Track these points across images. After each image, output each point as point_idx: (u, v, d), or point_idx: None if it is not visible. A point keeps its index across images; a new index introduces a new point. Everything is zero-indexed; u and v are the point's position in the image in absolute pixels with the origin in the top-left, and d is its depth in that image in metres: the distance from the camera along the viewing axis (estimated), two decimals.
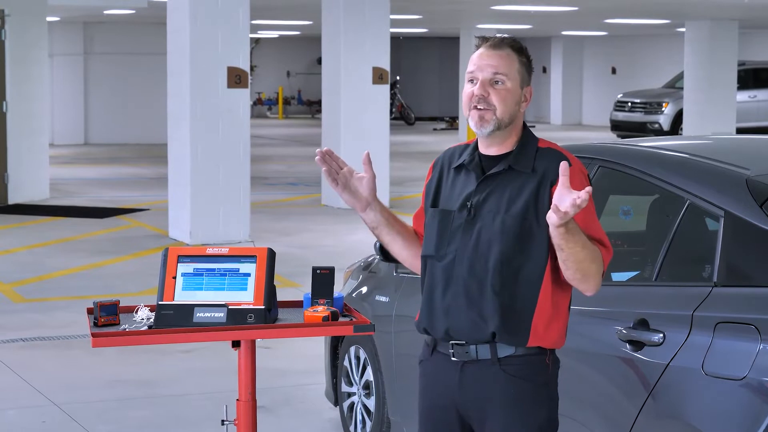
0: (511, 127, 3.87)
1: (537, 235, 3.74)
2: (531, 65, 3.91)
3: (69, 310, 9.78)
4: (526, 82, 3.89)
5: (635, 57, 37.66)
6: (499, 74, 3.82)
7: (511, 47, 3.87)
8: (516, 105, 3.85)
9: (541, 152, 3.83)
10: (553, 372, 3.86)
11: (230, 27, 13.31)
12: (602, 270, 3.72)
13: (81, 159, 24.01)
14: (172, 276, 4.26)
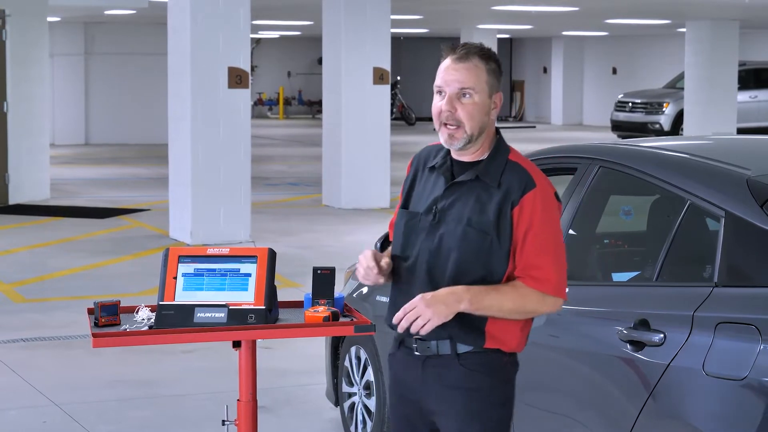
0: (484, 136, 3.88)
1: (496, 251, 3.79)
2: (500, 69, 3.90)
3: (69, 310, 9.78)
4: (495, 89, 3.87)
5: (636, 57, 37.65)
6: (466, 89, 3.82)
7: (479, 56, 3.85)
8: (485, 116, 3.85)
9: (510, 166, 3.83)
10: (510, 373, 3.90)
11: (231, 27, 13.31)
12: (542, 305, 3.80)
13: (82, 159, 24.01)
14: (173, 276, 4.26)
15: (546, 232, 3.77)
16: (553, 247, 3.79)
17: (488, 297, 3.73)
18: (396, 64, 27.28)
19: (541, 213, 3.77)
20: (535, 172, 3.82)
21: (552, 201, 3.82)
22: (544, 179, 3.82)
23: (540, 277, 3.78)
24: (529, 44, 41.55)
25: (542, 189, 3.79)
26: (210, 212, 13.24)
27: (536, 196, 3.77)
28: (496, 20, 27.86)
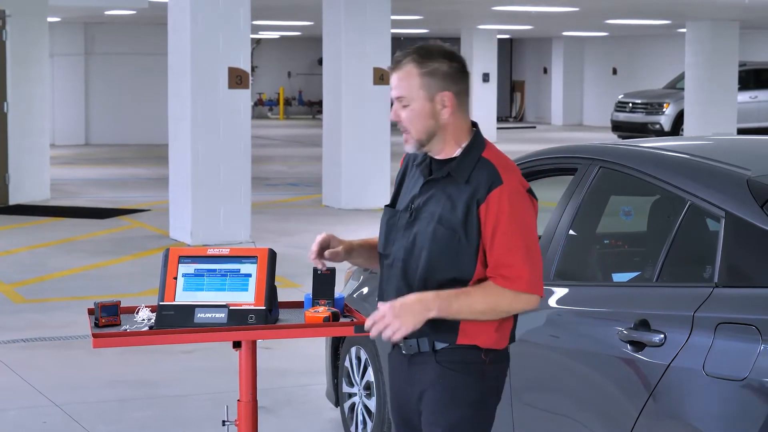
0: (443, 135, 3.83)
1: (465, 250, 3.77)
2: (450, 65, 3.80)
3: (70, 310, 9.78)
4: (439, 88, 3.80)
5: (636, 57, 37.66)
6: (401, 97, 3.83)
7: (414, 61, 3.81)
8: (430, 119, 3.81)
9: (481, 163, 3.80)
10: (491, 370, 3.84)
11: (231, 27, 13.31)
12: (516, 303, 3.75)
13: (82, 159, 24.01)
14: (173, 276, 4.26)
15: (514, 230, 3.73)
16: (522, 244, 3.74)
17: (457, 302, 3.71)
18: None
19: (508, 210, 3.73)
20: (505, 169, 3.78)
21: (521, 198, 3.77)
22: (513, 176, 3.78)
23: (511, 275, 3.73)
24: (530, 44, 41.55)
25: (509, 186, 3.75)
26: (210, 212, 13.24)
27: (502, 193, 3.73)
28: (497, 20, 27.86)
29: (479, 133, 3.88)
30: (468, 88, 3.88)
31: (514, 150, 25.36)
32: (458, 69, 3.83)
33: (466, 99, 3.87)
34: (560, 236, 4.97)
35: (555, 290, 4.86)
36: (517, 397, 4.93)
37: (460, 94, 3.83)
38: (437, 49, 3.83)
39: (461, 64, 3.85)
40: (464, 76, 3.85)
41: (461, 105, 3.84)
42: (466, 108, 3.87)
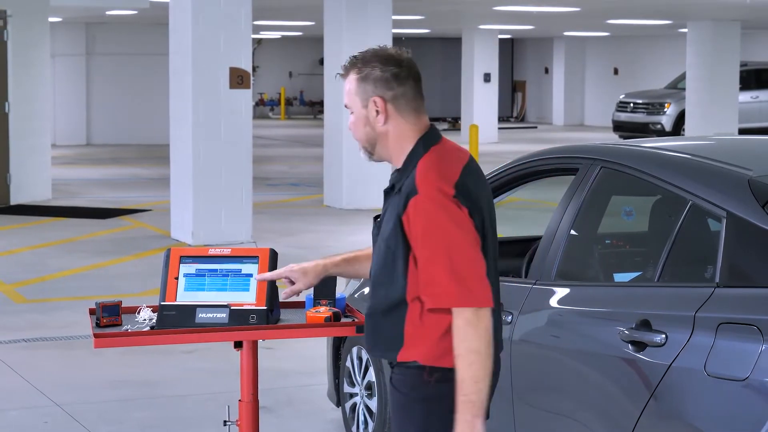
0: (384, 143, 3.74)
1: (397, 260, 3.63)
2: (375, 71, 3.69)
3: (71, 310, 9.78)
4: (371, 94, 3.69)
5: (637, 57, 37.66)
6: (347, 106, 3.77)
7: (354, 68, 3.75)
8: (366, 126, 3.73)
9: (413, 171, 3.64)
10: (436, 391, 3.63)
11: (232, 27, 13.31)
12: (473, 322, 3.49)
13: (83, 159, 24.02)
14: (175, 277, 4.26)
15: (432, 243, 3.53)
16: (444, 255, 3.52)
17: (470, 394, 3.51)
18: None
19: (423, 223, 3.54)
20: (424, 176, 3.58)
21: (436, 206, 3.54)
22: (431, 184, 3.57)
23: (437, 292, 3.53)
24: (531, 44, 41.55)
25: (425, 195, 3.55)
26: (211, 213, 13.24)
27: (417, 204, 3.56)
28: (498, 20, 27.86)
29: (425, 137, 3.70)
30: (412, 91, 3.69)
31: (516, 150, 25.36)
32: (394, 73, 3.67)
33: (409, 103, 3.69)
34: (561, 236, 4.97)
35: (556, 290, 4.86)
36: (519, 397, 4.93)
37: (396, 99, 3.68)
38: (375, 53, 3.73)
39: (399, 68, 3.68)
40: (402, 81, 3.68)
41: (400, 110, 3.69)
42: (410, 113, 3.70)
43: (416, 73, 3.73)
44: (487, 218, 3.70)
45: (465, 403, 3.51)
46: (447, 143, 3.75)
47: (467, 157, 3.75)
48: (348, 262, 4.14)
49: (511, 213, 14.52)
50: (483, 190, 3.72)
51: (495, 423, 4.96)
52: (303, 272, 4.11)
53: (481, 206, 3.66)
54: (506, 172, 5.56)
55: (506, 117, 40.42)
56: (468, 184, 3.63)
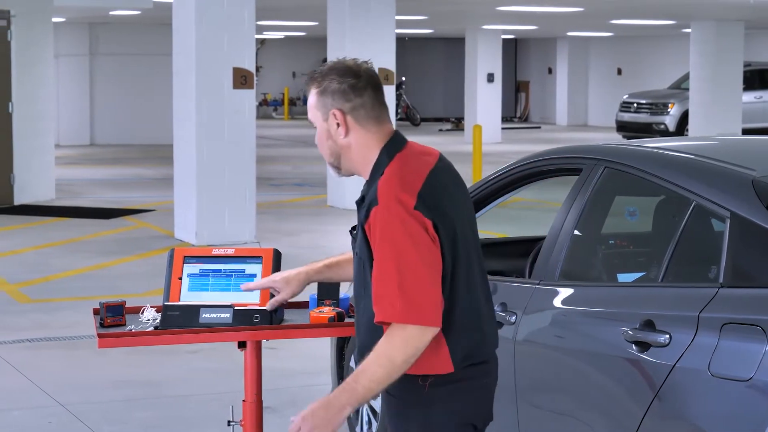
0: (348, 155, 3.69)
1: (367, 271, 3.61)
2: (332, 84, 3.65)
3: (75, 310, 9.79)
4: (328, 107, 3.66)
5: (641, 58, 37.65)
6: (311, 122, 3.76)
7: (314, 83, 3.71)
8: (328, 140, 3.70)
9: (378, 181, 3.59)
10: (431, 395, 3.60)
11: (236, 28, 13.32)
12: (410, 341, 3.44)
13: (86, 160, 24.03)
14: (178, 277, 4.26)
15: (385, 254, 3.48)
16: (394, 269, 3.46)
17: (359, 382, 3.47)
18: (401, 65, 27.27)
19: (379, 234, 3.49)
20: (385, 186, 3.53)
21: (392, 217, 3.48)
22: (391, 193, 3.51)
23: (383, 305, 3.48)
24: (534, 45, 41.55)
25: (383, 205, 3.50)
26: (215, 213, 13.25)
27: (376, 214, 3.50)
28: (501, 21, 27.86)
29: (387, 145, 3.65)
30: (371, 101, 3.65)
31: (519, 150, 25.36)
32: (351, 84, 3.63)
33: (369, 113, 3.65)
34: (565, 236, 4.96)
35: (560, 291, 4.86)
36: (522, 398, 4.93)
37: (355, 110, 3.64)
38: (332, 66, 3.71)
39: (356, 79, 3.65)
40: (360, 91, 3.64)
41: (359, 121, 3.64)
42: (371, 122, 3.66)
43: (376, 83, 3.70)
44: (461, 224, 3.63)
45: (349, 388, 3.49)
46: (413, 147, 3.70)
47: (435, 159, 3.69)
48: (330, 267, 4.15)
49: (514, 213, 14.52)
50: (452, 192, 3.66)
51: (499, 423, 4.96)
52: (285, 282, 4.12)
53: (449, 213, 3.59)
54: (510, 172, 5.56)
55: (510, 117, 40.42)
56: (433, 191, 3.57)
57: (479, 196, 5.65)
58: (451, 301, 3.59)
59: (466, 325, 3.63)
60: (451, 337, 3.59)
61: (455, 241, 3.60)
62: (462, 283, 3.61)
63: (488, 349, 3.72)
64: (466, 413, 3.66)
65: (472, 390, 3.66)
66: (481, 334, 3.68)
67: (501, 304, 5.01)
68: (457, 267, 3.60)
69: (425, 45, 40.31)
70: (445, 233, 3.55)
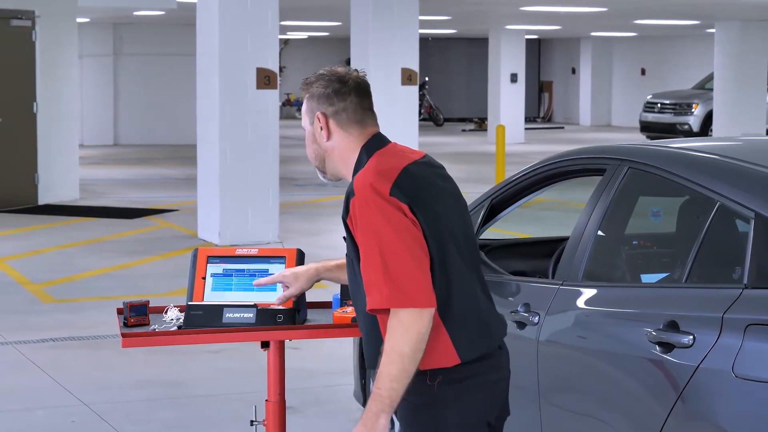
0: (332, 158, 3.78)
1: (356, 269, 3.64)
2: (318, 88, 3.76)
3: (98, 310, 9.82)
4: (313, 111, 3.79)
5: (665, 58, 37.53)
6: (303, 128, 3.85)
7: (304, 87, 3.82)
8: (313, 143, 3.81)
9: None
10: (441, 394, 3.60)
11: (259, 28, 13.33)
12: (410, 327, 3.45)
13: (110, 160, 24.11)
14: (202, 276, 4.27)
15: (367, 242, 3.52)
16: (377, 255, 3.50)
17: (380, 384, 3.49)
18: (424, 65, 27.27)
19: (359, 222, 3.55)
20: (360, 178, 3.59)
21: (372, 205, 3.53)
22: (366, 182, 3.57)
23: (373, 293, 3.51)
24: (558, 45, 41.47)
25: (359, 195, 3.56)
26: (238, 213, 13.27)
27: (354, 204, 3.57)
28: (525, 21, 27.82)
29: (367, 144, 3.73)
30: (354, 105, 3.75)
31: (542, 150, 25.31)
32: (335, 89, 3.73)
33: (351, 117, 3.74)
34: (589, 237, 4.95)
35: (583, 291, 4.84)
36: (545, 398, 4.92)
37: (337, 114, 3.74)
38: (323, 72, 3.80)
39: (342, 84, 3.75)
40: (343, 96, 3.74)
41: (341, 124, 3.74)
42: (353, 126, 3.74)
43: (362, 89, 3.79)
44: (445, 213, 3.64)
45: (375, 396, 3.52)
46: (395, 147, 3.76)
47: (417, 156, 3.73)
48: (340, 268, 4.16)
49: (538, 213, 14.50)
50: (435, 184, 3.68)
51: (521, 423, 4.95)
52: (295, 277, 4.13)
53: (429, 201, 3.61)
54: (533, 172, 5.55)
55: (533, 117, 40.35)
56: (411, 179, 3.60)
57: (502, 196, 5.65)
58: (447, 290, 3.60)
59: (465, 314, 3.64)
60: (451, 326, 3.60)
61: (439, 227, 3.60)
62: (455, 272, 3.62)
63: (494, 340, 3.71)
64: (477, 412, 3.65)
65: (482, 386, 3.66)
66: (484, 323, 3.68)
67: (524, 304, 5.00)
68: (445, 255, 3.60)
69: (449, 45, 40.29)
70: (425, 218, 3.57)
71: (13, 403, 7.36)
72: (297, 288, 4.12)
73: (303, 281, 4.13)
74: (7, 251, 12.72)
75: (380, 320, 3.62)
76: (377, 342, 3.65)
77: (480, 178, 18.60)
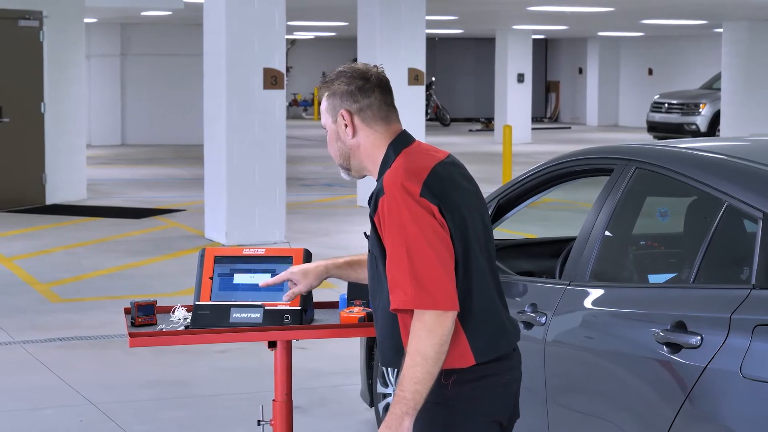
0: (358, 156, 3.75)
1: (380, 266, 3.64)
2: (341, 86, 3.72)
3: (106, 310, 9.83)
4: (337, 108, 3.73)
5: (672, 58, 37.50)
6: (323, 126, 3.81)
7: (323, 85, 3.78)
8: (337, 141, 3.75)
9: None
10: (454, 393, 3.60)
11: (266, 28, 13.34)
12: (433, 329, 3.45)
13: (118, 160, 24.13)
14: (209, 276, 4.27)
15: (395, 241, 3.51)
16: (404, 255, 3.49)
17: (403, 387, 3.47)
18: (431, 65, 27.26)
19: (387, 220, 3.53)
20: (391, 177, 3.57)
21: (402, 204, 3.52)
22: (397, 181, 3.55)
23: (398, 293, 3.50)
24: (565, 45, 41.45)
25: (389, 193, 3.55)
26: (245, 213, 13.28)
27: (383, 203, 3.55)
28: (532, 21, 27.81)
29: (394, 142, 3.70)
30: (378, 102, 3.71)
31: (549, 150, 25.30)
32: (359, 86, 3.70)
33: (376, 114, 3.71)
34: (596, 237, 4.95)
35: (591, 291, 4.84)
36: (552, 399, 4.92)
37: (362, 111, 3.70)
38: (342, 70, 3.77)
39: (365, 81, 3.71)
40: (367, 93, 3.70)
41: (366, 121, 3.71)
42: (378, 122, 3.71)
43: (384, 85, 3.75)
44: (470, 214, 3.64)
45: (399, 398, 3.50)
46: (421, 145, 3.75)
47: (443, 156, 3.73)
48: (350, 265, 4.14)
49: (545, 213, 14.50)
50: (461, 185, 3.68)
51: (529, 424, 4.95)
52: (303, 274, 4.12)
53: (457, 202, 3.61)
54: (541, 172, 5.55)
55: (540, 117, 40.34)
56: (439, 180, 3.60)
57: (510, 196, 5.65)
58: (467, 291, 3.60)
59: (484, 316, 3.64)
60: (469, 328, 3.60)
61: (465, 229, 3.61)
62: (476, 274, 3.62)
63: (510, 342, 3.71)
64: (490, 411, 3.65)
65: (495, 387, 3.65)
66: (501, 325, 3.68)
67: (531, 304, 5.00)
68: (469, 256, 3.61)
69: (455, 45, 40.28)
70: (452, 220, 3.57)
71: (21, 403, 7.37)
72: (305, 285, 4.12)
73: (312, 278, 4.12)
74: (15, 251, 12.74)
75: (400, 320, 3.62)
76: (393, 340, 3.65)
77: (487, 178, 18.59)
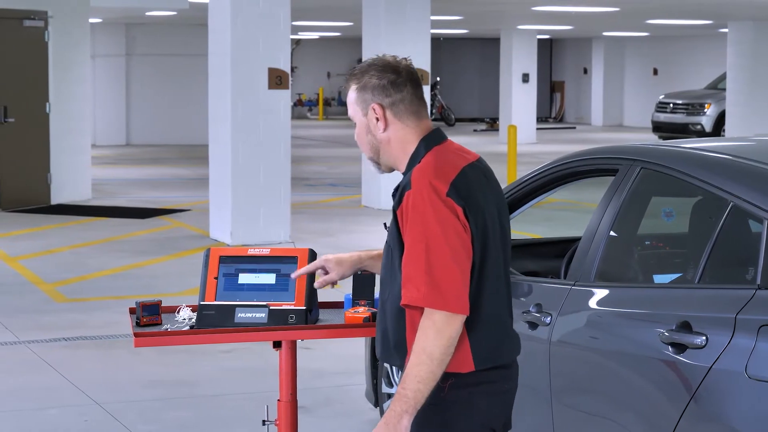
0: (388, 150, 3.74)
1: (395, 258, 3.63)
2: (372, 79, 3.71)
3: (111, 309, 9.84)
4: (368, 102, 3.72)
5: (677, 58, 37.47)
6: (351, 118, 3.80)
7: (352, 80, 3.76)
8: (368, 134, 3.74)
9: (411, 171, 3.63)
10: (451, 396, 3.58)
11: (271, 28, 13.34)
12: (442, 329, 3.43)
13: (123, 160, 24.14)
14: (214, 276, 4.28)
15: (415, 238, 3.50)
16: (423, 253, 3.48)
17: (405, 385, 3.45)
18: (435, 65, 27.26)
19: (411, 216, 3.51)
20: (420, 173, 3.56)
21: (427, 203, 3.51)
22: (424, 179, 3.53)
23: (411, 289, 3.49)
24: (570, 45, 41.43)
25: (416, 189, 3.53)
26: (250, 213, 13.28)
27: (409, 198, 3.53)
28: (536, 21, 27.80)
29: (426, 138, 3.70)
30: (410, 96, 3.71)
31: (554, 151, 25.29)
32: (391, 80, 3.70)
33: (408, 108, 3.71)
34: (601, 237, 4.95)
35: (596, 291, 4.84)
36: (557, 399, 4.92)
37: (395, 105, 3.69)
38: (372, 62, 3.76)
39: (396, 75, 3.71)
40: (400, 87, 3.70)
41: (399, 115, 3.70)
42: (410, 117, 3.71)
43: (415, 80, 3.75)
44: (491, 220, 3.63)
45: (400, 396, 3.48)
46: (452, 144, 3.74)
47: (473, 158, 3.71)
48: (380, 258, 4.13)
49: (550, 214, 14.49)
50: (487, 190, 3.67)
51: (533, 424, 4.95)
52: (338, 262, 4.12)
53: (481, 205, 3.60)
54: (546, 172, 5.55)
55: (545, 117, 40.33)
56: (467, 182, 3.59)
57: (515, 196, 5.65)
58: (479, 296, 3.58)
59: (490, 323, 3.62)
60: (474, 334, 3.59)
61: (486, 234, 3.60)
62: (490, 280, 3.61)
63: (511, 353, 3.71)
64: (485, 417, 3.64)
65: (492, 394, 3.64)
66: (505, 335, 3.67)
67: (536, 304, 5.00)
68: (486, 262, 3.59)
69: (460, 45, 40.27)
70: (475, 223, 3.56)
71: (26, 403, 7.38)
72: (339, 273, 4.10)
73: (346, 267, 4.11)
74: (20, 251, 12.75)
75: (408, 315, 3.61)
76: (396, 335, 3.64)
77: None
